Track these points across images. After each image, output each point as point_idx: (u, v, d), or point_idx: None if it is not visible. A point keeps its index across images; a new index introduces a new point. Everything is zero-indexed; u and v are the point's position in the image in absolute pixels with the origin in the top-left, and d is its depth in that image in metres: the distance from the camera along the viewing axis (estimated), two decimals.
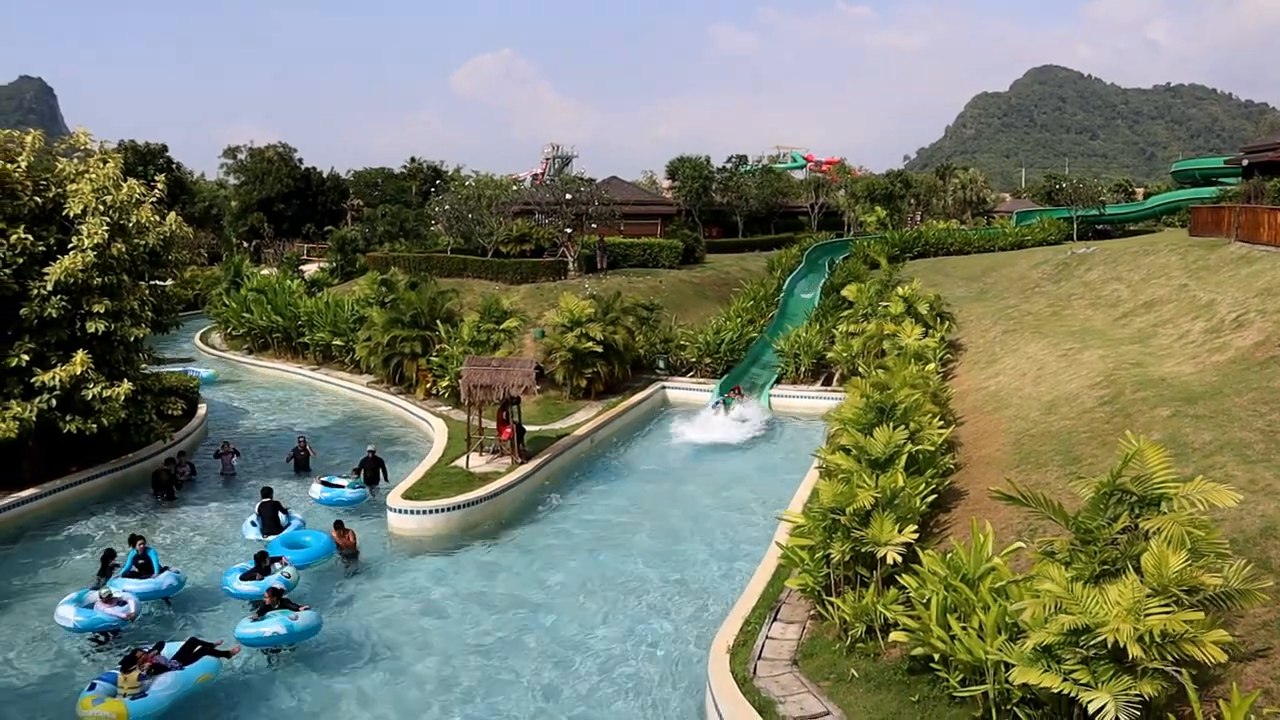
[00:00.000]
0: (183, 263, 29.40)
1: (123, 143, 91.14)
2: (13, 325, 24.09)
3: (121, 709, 14.39)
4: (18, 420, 23.15)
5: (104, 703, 14.41)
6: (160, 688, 14.91)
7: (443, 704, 15.63)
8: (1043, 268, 46.76)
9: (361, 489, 25.88)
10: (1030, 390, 26.21)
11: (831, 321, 42.03)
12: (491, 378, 27.06)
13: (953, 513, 19.13)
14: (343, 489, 25.55)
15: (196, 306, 66.41)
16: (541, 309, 43.22)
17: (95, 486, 26.62)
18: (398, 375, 39.00)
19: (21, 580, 20.90)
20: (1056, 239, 67.46)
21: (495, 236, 54.16)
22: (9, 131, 25.82)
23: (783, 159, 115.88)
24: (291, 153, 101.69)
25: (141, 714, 14.55)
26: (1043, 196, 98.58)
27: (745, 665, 14.40)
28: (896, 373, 24.49)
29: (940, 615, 12.63)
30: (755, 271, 59.85)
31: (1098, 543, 11.30)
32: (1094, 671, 10.08)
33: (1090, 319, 34.10)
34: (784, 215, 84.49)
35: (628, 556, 22.01)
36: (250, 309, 52.23)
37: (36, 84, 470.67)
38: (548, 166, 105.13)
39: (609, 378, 36.79)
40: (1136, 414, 19.95)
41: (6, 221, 23.77)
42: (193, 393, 35.02)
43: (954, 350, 36.68)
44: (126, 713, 14.40)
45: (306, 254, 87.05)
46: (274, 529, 22.49)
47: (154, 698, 14.76)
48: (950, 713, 12.26)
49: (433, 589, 20.42)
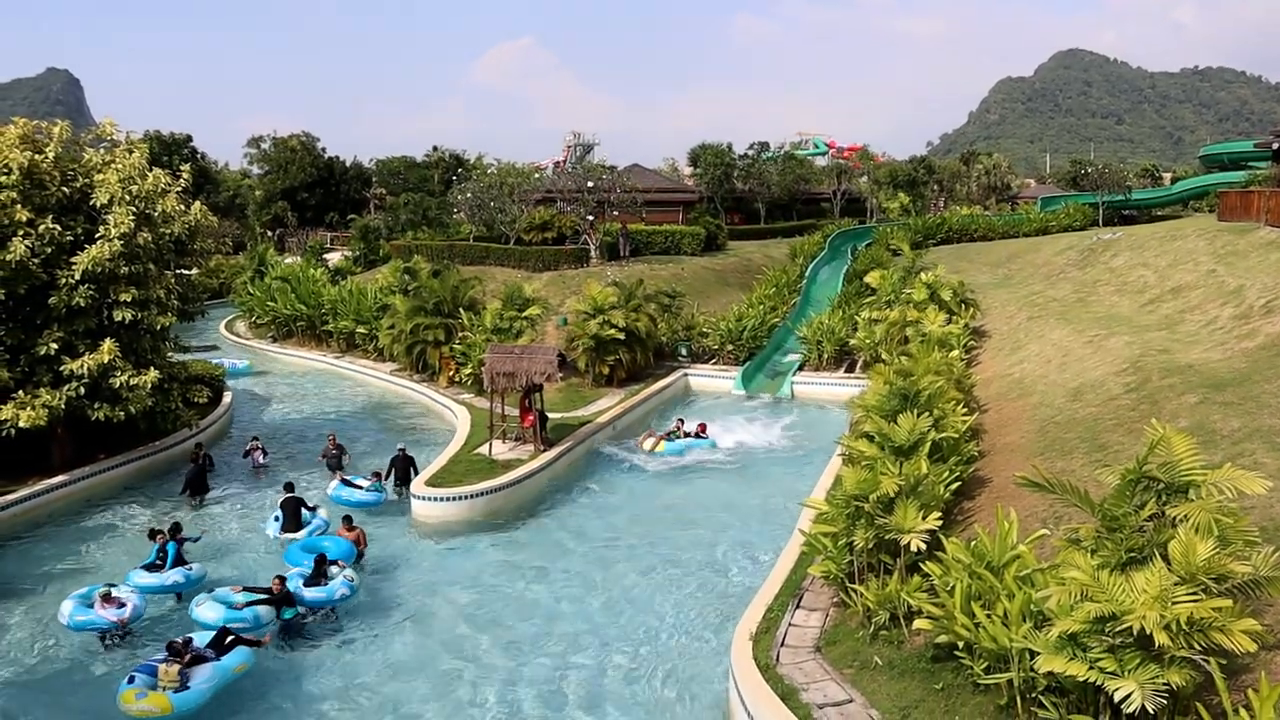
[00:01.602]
0: (208, 252, 29.49)
1: (148, 133, 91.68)
2: (42, 314, 24.33)
3: (165, 703, 14.24)
4: (47, 408, 23.40)
5: (147, 696, 14.26)
6: (201, 680, 14.79)
7: (477, 683, 15.77)
8: (1068, 254, 46.37)
9: (379, 491, 24.89)
10: (1055, 377, 26.01)
11: (854, 308, 41.86)
12: (514, 365, 27.11)
13: (977, 500, 19.03)
14: (361, 489, 24.74)
15: (221, 295, 66.96)
16: (564, 296, 43.28)
17: (123, 474, 26.91)
18: (421, 363, 39.15)
19: (50, 566, 21.16)
20: (1082, 225, 66.87)
21: (517, 224, 54.21)
22: (37, 122, 26.03)
23: (805, 145, 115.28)
24: (314, 142, 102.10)
25: (185, 707, 14.42)
26: (1068, 182, 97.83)
27: (768, 652, 14.38)
28: (920, 359, 24.33)
29: (964, 603, 12.57)
30: (777, 258, 59.67)
31: (1124, 530, 11.21)
32: (1120, 660, 10.02)
33: (1116, 305, 33.81)
34: (806, 202, 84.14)
35: (652, 542, 22.07)
36: (274, 297, 52.60)
37: (63, 75, 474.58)
38: (569, 154, 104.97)
39: (631, 365, 36.80)
40: (1163, 401, 19.77)
41: (35, 212, 23.98)
42: (218, 381, 35.30)
43: (978, 337, 36.46)
44: (170, 706, 14.25)
45: (330, 243, 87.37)
46: (295, 526, 22.04)
47: (196, 690, 14.62)
48: (974, 701, 12.22)
49: (457, 574, 20.55)
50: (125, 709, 14.27)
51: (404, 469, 25.80)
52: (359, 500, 24.36)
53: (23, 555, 21.74)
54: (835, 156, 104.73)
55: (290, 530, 21.94)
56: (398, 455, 26.14)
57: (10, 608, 18.81)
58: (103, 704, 15.24)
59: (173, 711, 14.26)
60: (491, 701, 15.34)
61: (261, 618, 17.54)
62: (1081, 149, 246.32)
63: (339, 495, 24.55)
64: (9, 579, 20.17)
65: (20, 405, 23.10)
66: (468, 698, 15.50)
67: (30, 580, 20.28)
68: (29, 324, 24.34)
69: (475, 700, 15.41)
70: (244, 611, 17.54)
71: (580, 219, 52.58)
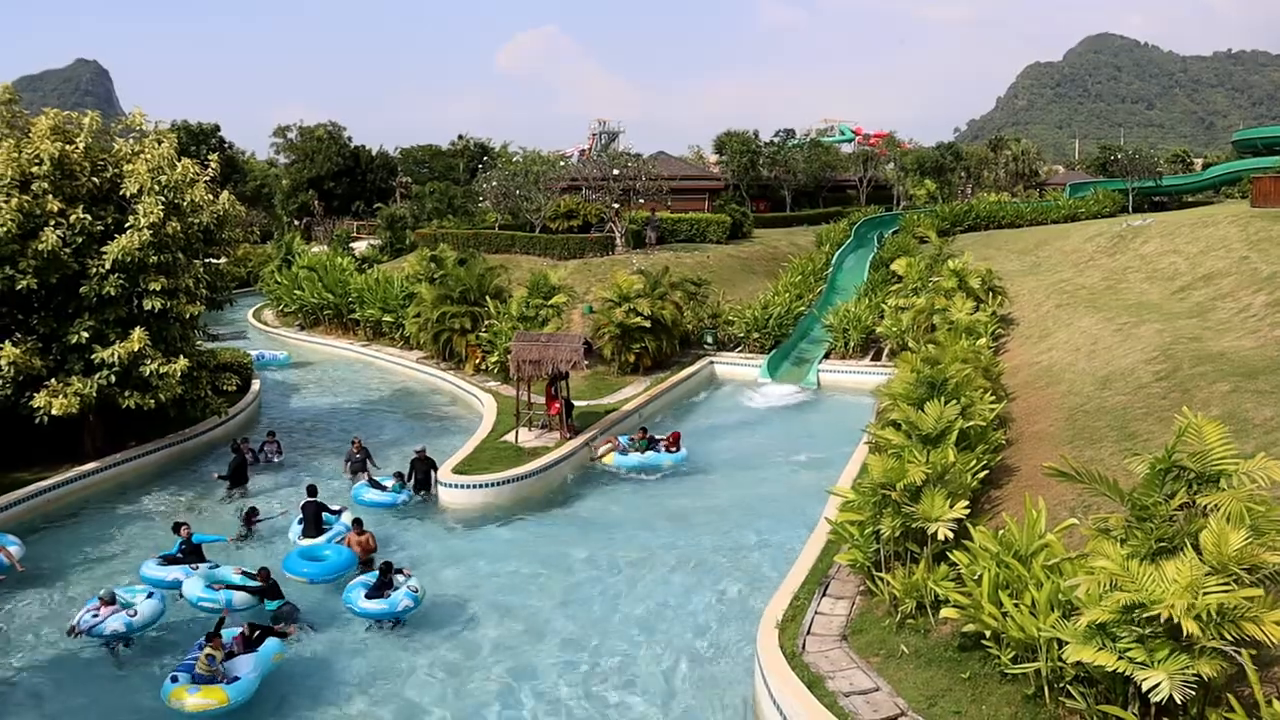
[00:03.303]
0: (236, 241, 29.62)
1: (175, 123, 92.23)
2: (73, 303, 24.58)
3: (222, 694, 14.19)
4: (79, 396, 23.65)
5: (201, 690, 14.20)
6: (246, 670, 14.76)
7: (501, 668, 15.86)
8: (1097, 241, 45.94)
9: (398, 493, 24.02)
10: (1084, 365, 25.82)
11: (881, 296, 41.67)
12: (540, 353, 27.17)
13: (1004, 489, 18.95)
14: (385, 490, 24.10)
15: (249, 284, 67.39)
16: (589, 284, 43.32)
17: (154, 461, 27.20)
18: (447, 351, 39.30)
19: (84, 552, 21.41)
20: (1111, 211, 66.14)
21: (543, 213, 54.24)
22: (68, 113, 26.24)
23: (831, 132, 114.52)
24: (341, 131, 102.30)
25: (241, 697, 14.41)
26: (1097, 168, 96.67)
27: (794, 640, 14.39)
28: (947, 347, 24.29)
29: (992, 592, 12.53)
30: (803, 246, 59.44)
31: (1154, 519, 11.13)
32: (1150, 650, 9.96)
33: (1146, 292, 33.51)
34: (832, 189, 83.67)
35: (678, 529, 22.11)
36: (302, 286, 52.99)
37: (92, 67, 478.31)
38: (594, 142, 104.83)
39: (657, 353, 36.81)
40: (1194, 389, 19.59)
41: (66, 202, 24.20)
42: (247, 369, 35.58)
43: (1006, 325, 36.24)
44: (227, 697, 14.20)
45: (356, 231, 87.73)
46: (316, 531, 21.14)
47: (246, 680, 14.57)
48: (1001, 690, 12.19)
49: (481, 560, 20.66)
50: (179, 705, 14.15)
51: (424, 471, 24.78)
52: (380, 501, 23.76)
53: (58, 541, 22.01)
54: (861, 143, 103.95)
55: (311, 536, 21.11)
56: (416, 457, 25.08)
57: (46, 594, 19.06)
58: (139, 696, 15.46)
59: (229, 702, 14.24)
60: (521, 687, 15.43)
61: (234, 603, 17.69)
62: (1111, 134, 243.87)
63: (360, 494, 24.01)
64: (45, 564, 20.42)
65: (53, 393, 23.37)
66: (496, 686, 15.60)
67: (65, 566, 20.53)
68: (61, 313, 24.61)
69: (505, 685, 15.50)
70: (219, 593, 17.81)
71: (606, 207, 52.55)
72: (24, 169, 23.85)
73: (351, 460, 26.16)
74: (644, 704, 14.85)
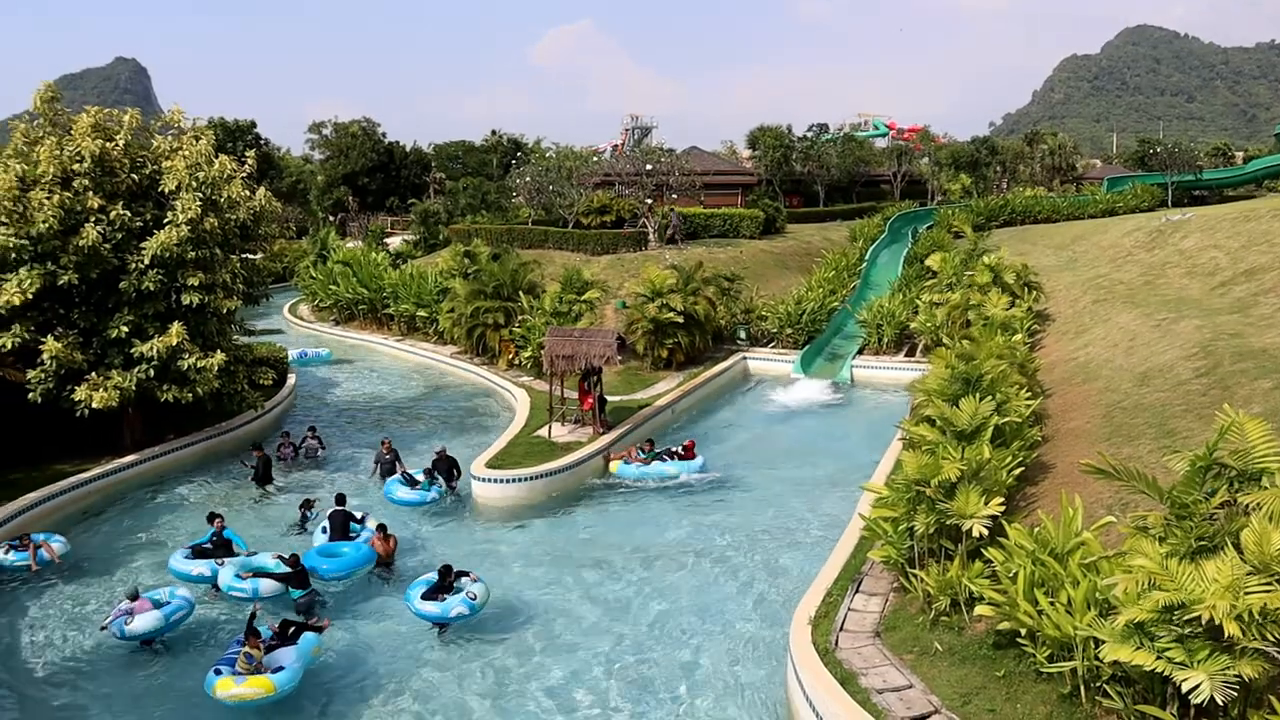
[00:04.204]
0: (272, 236, 29.88)
1: (212, 120, 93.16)
2: (113, 298, 24.91)
3: (268, 683, 14.22)
4: (118, 389, 23.97)
5: (247, 680, 14.19)
6: (290, 660, 14.82)
7: (542, 669, 15.92)
8: (1135, 235, 45.38)
9: (431, 490, 23.79)
10: (1121, 361, 25.53)
11: (915, 291, 41.42)
12: (573, 348, 27.22)
13: (1040, 486, 18.77)
14: (416, 487, 23.84)
15: (285, 279, 67.99)
16: (622, 280, 43.34)
17: (191, 454, 27.52)
18: (481, 346, 39.48)
19: (124, 543, 21.75)
20: (1150, 206, 65.47)
21: (576, 208, 54.33)
22: (108, 110, 26.56)
23: (865, 127, 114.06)
24: (375, 127, 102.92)
25: (288, 685, 14.49)
26: (1135, 162, 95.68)
27: (827, 637, 14.35)
28: (983, 343, 24.09)
29: (1027, 590, 12.42)
30: (837, 241, 59.18)
31: (1194, 518, 10.99)
32: (1189, 650, 9.83)
33: (1186, 288, 33.06)
34: (866, 184, 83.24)
35: (710, 525, 22.10)
36: (337, 281, 53.43)
37: (131, 65, 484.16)
38: (627, 138, 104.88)
39: (690, 348, 36.77)
40: (1235, 386, 19.31)
41: (106, 198, 24.54)
42: (282, 363, 35.91)
43: (1041, 320, 35.90)
44: (273, 686, 14.26)
45: (390, 227, 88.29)
46: (343, 539, 20.43)
47: (290, 669, 14.65)
48: (1036, 688, 12.08)
49: (513, 553, 20.80)
50: (225, 696, 14.16)
51: (446, 470, 24.51)
52: (410, 499, 23.55)
53: (97, 531, 22.39)
54: (895, 138, 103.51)
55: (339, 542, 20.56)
56: (437, 457, 24.81)
57: (87, 584, 19.36)
58: (181, 681, 15.69)
59: (276, 690, 14.30)
60: (561, 680, 15.50)
61: (260, 591, 17.94)
62: (1150, 128, 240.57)
63: (391, 492, 23.89)
64: (86, 555, 20.78)
65: (93, 387, 23.71)
66: (537, 686, 15.66)
67: (105, 557, 20.86)
68: (101, 308, 24.95)
69: (539, 680, 15.58)
70: (248, 582, 18.06)
71: (639, 202, 52.56)
72: (65, 166, 24.24)
73: (381, 461, 25.71)
74: (676, 700, 14.86)
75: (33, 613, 18.21)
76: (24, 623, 17.86)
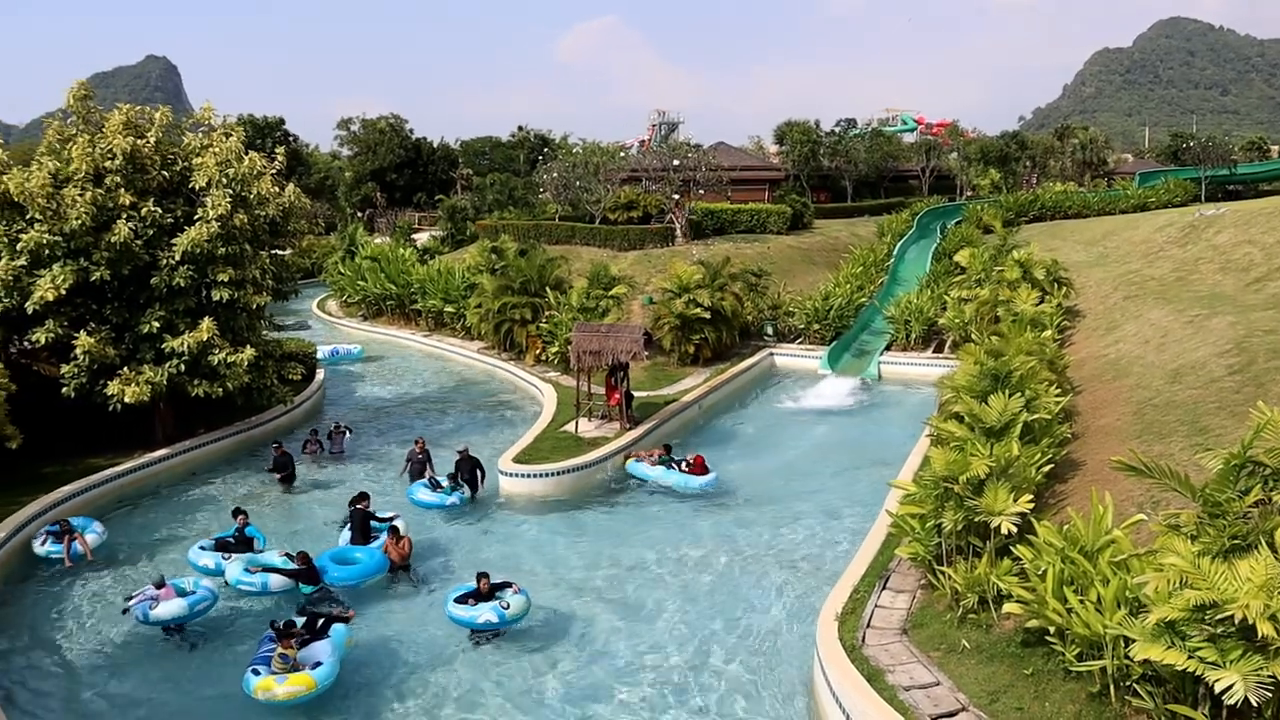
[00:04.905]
0: (301, 232, 30.06)
1: (241, 116, 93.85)
2: (144, 294, 25.16)
3: (309, 680, 14.18)
4: (150, 384, 24.21)
5: (288, 679, 14.15)
6: (326, 655, 14.81)
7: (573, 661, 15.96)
8: (1167, 231, 44.85)
9: (452, 495, 23.39)
10: (1153, 358, 25.28)
11: (943, 287, 41.19)
12: (600, 344, 27.25)
13: (1069, 483, 18.63)
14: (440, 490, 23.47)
15: (313, 275, 68.39)
16: (649, 275, 43.36)
17: (221, 448, 27.79)
18: (508, 341, 39.58)
19: (156, 534, 22.03)
20: (1183, 201, 64.65)
21: (603, 204, 54.35)
22: (139, 108, 26.82)
23: (893, 122, 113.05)
24: (402, 123, 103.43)
25: (328, 680, 14.49)
26: (1168, 156, 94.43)
27: (854, 633, 14.30)
28: (1012, 339, 23.92)
29: (1056, 587, 12.32)
30: (864, 237, 58.88)
31: (1227, 516, 10.87)
32: (1222, 650, 9.72)
33: (1219, 284, 32.67)
34: (894, 179, 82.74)
35: (735, 522, 22.09)
36: (365, 277, 53.70)
37: (162, 63, 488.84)
38: (654, 133, 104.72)
39: (716, 344, 36.71)
40: (1270, 383, 19.09)
41: (137, 195, 24.78)
42: (311, 359, 36.14)
43: (1071, 317, 35.58)
44: (315, 683, 14.22)
45: (418, 223, 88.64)
46: (364, 538, 20.31)
47: (329, 665, 14.63)
48: (1065, 687, 12.00)
49: (540, 549, 20.86)
50: (267, 696, 14.09)
51: (469, 470, 24.15)
52: (431, 502, 23.25)
53: (130, 524, 22.64)
54: (924, 133, 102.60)
55: (359, 543, 20.34)
56: (460, 458, 24.37)
57: (119, 575, 19.59)
58: (215, 671, 15.86)
59: (317, 687, 14.28)
60: (587, 681, 15.53)
61: (269, 586, 18.12)
62: (1183, 122, 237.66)
63: (413, 494, 23.67)
64: (119, 546, 21.03)
65: (125, 381, 23.96)
66: (562, 687, 15.70)
67: (137, 548, 21.11)
68: (133, 303, 25.22)
69: (562, 679, 15.61)
70: (256, 576, 18.21)
71: (665, 198, 52.51)
72: (98, 163, 24.51)
73: (413, 461, 25.27)
74: (704, 697, 14.87)
75: (68, 601, 18.50)
76: (60, 610, 18.17)
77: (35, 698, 15.21)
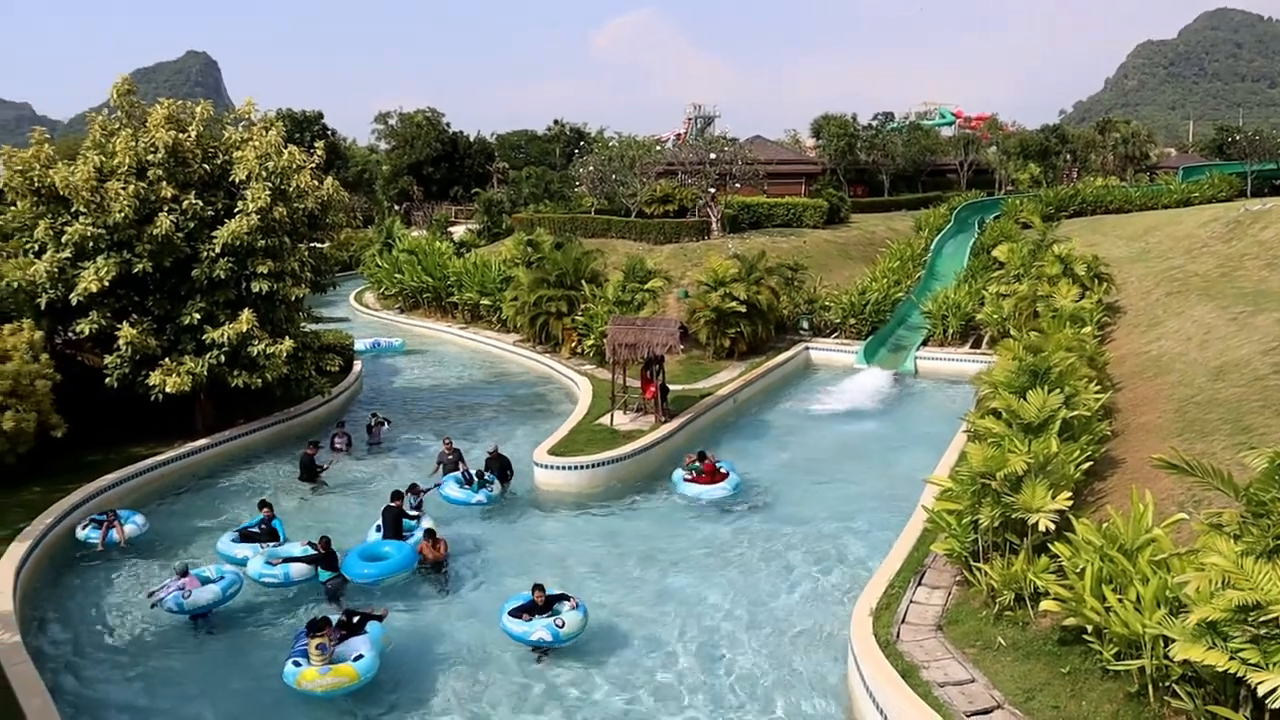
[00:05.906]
0: (339, 225, 30.30)
1: (280, 111, 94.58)
2: (185, 286, 25.50)
3: (352, 672, 14.28)
4: (190, 375, 24.57)
5: (331, 670, 14.23)
6: (366, 648, 14.82)
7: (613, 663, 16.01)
8: (1211, 226, 44.13)
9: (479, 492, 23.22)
10: (1195, 355, 24.93)
11: (981, 282, 40.80)
12: (636, 337, 27.27)
13: (1109, 481, 18.43)
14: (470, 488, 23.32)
15: (351, 268, 68.98)
16: (685, 269, 43.33)
17: (260, 438, 28.14)
18: (543, 334, 39.72)
19: (195, 522, 22.37)
20: (1228, 195, 63.55)
21: (639, 197, 54.34)
22: (181, 102, 27.13)
23: (931, 115, 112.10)
24: (439, 117, 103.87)
25: (371, 673, 14.56)
26: (1213, 150, 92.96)
27: (888, 629, 14.25)
28: (1051, 335, 23.68)
29: (1095, 586, 12.20)
30: (902, 231, 58.43)
31: (1271, 516, 10.71)
32: (1265, 652, 9.58)
33: (1266, 280, 32.11)
34: (932, 173, 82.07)
35: (770, 517, 22.06)
36: (402, 270, 54.11)
37: (202, 58, 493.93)
38: (690, 127, 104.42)
39: (752, 338, 36.66)
40: None
41: (179, 188, 25.09)
42: (349, 350, 36.44)
43: (1112, 313, 35.14)
44: (358, 675, 14.32)
45: (454, 216, 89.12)
46: (396, 536, 20.17)
47: (370, 658, 14.67)
48: (1102, 686, 11.88)
49: (574, 540, 20.94)
50: (310, 687, 14.18)
51: (499, 470, 24.01)
52: (462, 499, 23.09)
53: (170, 512, 22.97)
54: (962, 126, 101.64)
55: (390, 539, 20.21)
56: (490, 456, 24.32)
57: (158, 563, 19.83)
58: (249, 659, 16.05)
59: (360, 678, 14.38)
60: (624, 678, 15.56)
61: (291, 576, 18.32)
62: (1229, 115, 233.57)
63: (444, 491, 23.41)
64: (158, 535, 21.32)
65: (167, 372, 24.33)
66: (605, 683, 15.76)
67: (177, 537, 21.43)
68: (174, 295, 25.57)
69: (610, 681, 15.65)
70: (277, 567, 18.40)
71: (702, 192, 52.42)
72: (140, 157, 24.83)
73: (444, 461, 25.03)
74: (742, 692, 14.88)
75: (105, 587, 18.88)
76: (98, 596, 18.50)
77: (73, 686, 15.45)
